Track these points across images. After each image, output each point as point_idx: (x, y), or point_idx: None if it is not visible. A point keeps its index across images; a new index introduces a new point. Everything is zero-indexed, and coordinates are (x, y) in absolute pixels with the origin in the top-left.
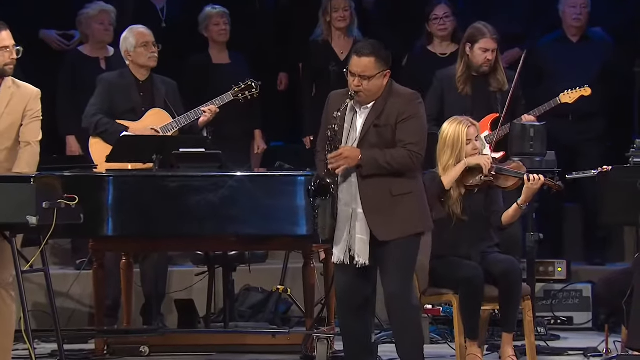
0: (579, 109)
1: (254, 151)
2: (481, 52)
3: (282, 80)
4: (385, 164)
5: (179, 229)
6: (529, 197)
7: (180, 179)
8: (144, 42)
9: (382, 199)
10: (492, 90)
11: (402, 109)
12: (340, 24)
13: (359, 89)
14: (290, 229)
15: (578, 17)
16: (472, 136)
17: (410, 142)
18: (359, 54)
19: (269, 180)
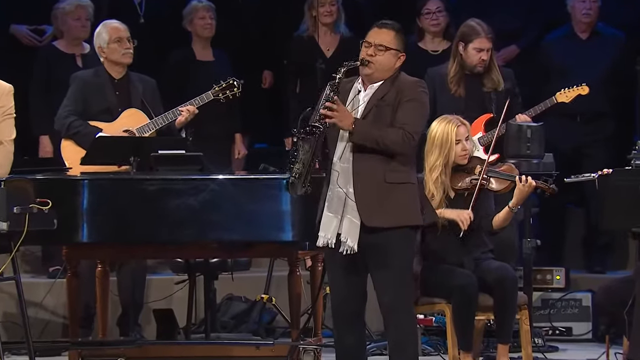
0: (588, 110)
1: (235, 156)
2: (475, 52)
3: (266, 78)
4: (377, 136)
5: (157, 235)
6: (520, 200)
7: (159, 183)
8: (118, 38)
9: (375, 184)
10: (486, 91)
11: (405, 91)
12: (326, 19)
13: (371, 59)
14: (275, 235)
15: (588, 12)
16: (462, 136)
17: (405, 122)
18: (380, 26)
19: (252, 183)
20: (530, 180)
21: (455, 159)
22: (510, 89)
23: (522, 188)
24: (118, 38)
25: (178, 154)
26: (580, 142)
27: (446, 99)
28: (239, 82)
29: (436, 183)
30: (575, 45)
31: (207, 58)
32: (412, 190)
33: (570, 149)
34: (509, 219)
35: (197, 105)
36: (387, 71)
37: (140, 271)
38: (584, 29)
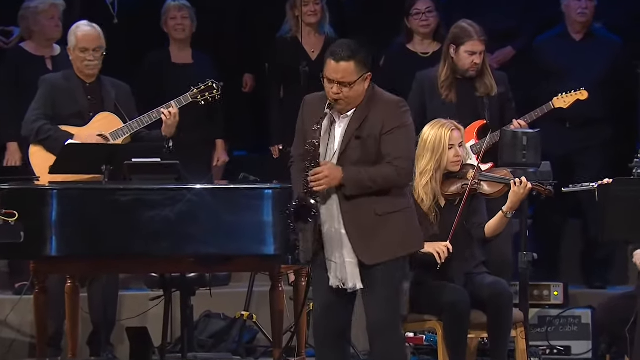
0: (580, 115)
1: (214, 163)
2: (467, 55)
3: (247, 82)
4: (370, 182)
5: (131, 248)
6: (515, 204)
7: (133, 193)
8: (83, 48)
9: (366, 220)
10: (478, 96)
11: (387, 118)
12: (310, 19)
13: (339, 97)
14: (256, 248)
15: (584, 11)
16: (456, 141)
17: (396, 156)
18: (336, 58)
19: (232, 193)
20: (525, 181)
21: (447, 165)
22: (504, 93)
23: (516, 190)
24: (83, 48)
25: (153, 162)
26: (571, 149)
27: (437, 105)
28: (218, 84)
29: (426, 188)
30: (568, 46)
31: (184, 60)
32: (405, 216)
33: (559, 157)
34: (503, 225)
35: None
36: (359, 99)
37: (113, 287)
38: (579, 29)
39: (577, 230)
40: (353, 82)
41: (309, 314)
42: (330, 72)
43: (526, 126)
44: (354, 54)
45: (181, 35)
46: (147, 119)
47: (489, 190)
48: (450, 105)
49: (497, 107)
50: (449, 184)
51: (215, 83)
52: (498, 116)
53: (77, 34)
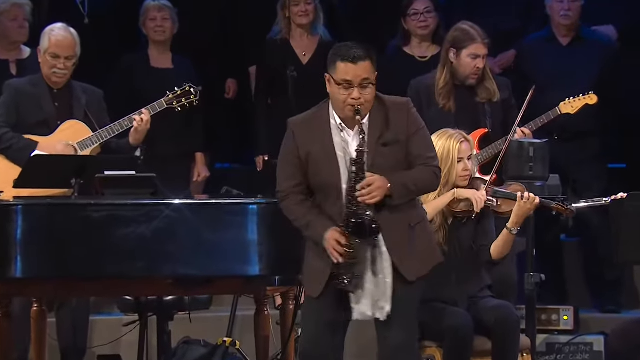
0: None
1: (194, 179)
2: (470, 59)
3: (230, 87)
4: (414, 187)
5: (103, 268)
6: (520, 219)
7: (105, 208)
8: (54, 54)
9: (402, 232)
10: (479, 101)
11: (407, 120)
12: (301, 19)
13: (361, 102)
14: (240, 269)
15: (566, 13)
16: (465, 154)
17: (428, 156)
18: (354, 60)
19: (213, 209)
20: (532, 196)
21: (456, 179)
22: (507, 100)
23: (522, 205)
24: (55, 54)
25: (127, 176)
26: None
27: (434, 114)
28: (196, 89)
29: None
30: (555, 51)
31: (164, 65)
32: (428, 227)
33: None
34: (509, 244)
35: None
36: (373, 101)
37: (83, 311)
38: (564, 32)
39: (588, 249)
40: (374, 82)
41: (297, 340)
42: (349, 75)
43: (531, 135)
44: (369, 52)
45: (161, 38)
46: (117, 127)
47: (503, 207)
48: (448, 114)
49: (499, 115)
50: (457, 200)
51: (192, 87)
52: (500, 124)
53: (50, 37)
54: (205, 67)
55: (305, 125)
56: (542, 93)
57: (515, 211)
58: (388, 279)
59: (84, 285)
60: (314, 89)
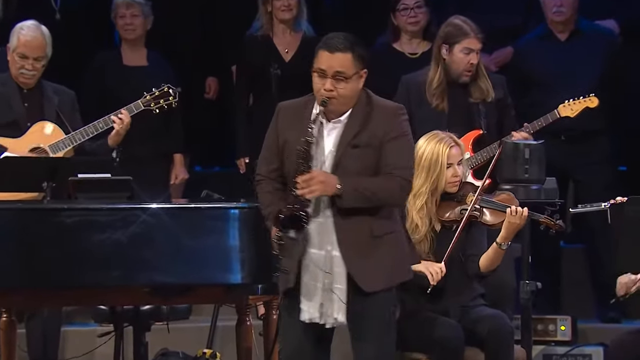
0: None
1: (172, 180)
2: (463, 55)
3: (211, 86)
4: (370, 194)
5: (76, 277)
6: (509, 234)
7: (79, 213)
8: (22, 54)
9: (363, 240)
10: (472, 101)
11: (388, 126)
12: (284, 14)
13: (332, 94)
14: (221, 277)
15: (559, 10)
16: (455, 159)
17: (399, 166)
18: (331, 49)
19: (193, 214)
20: (521, 210)
21: (445, 186)
22: (502, 99)
23: (511, 220)
24: (22, 54)
25: (102, 179)
26: (567, 166)
27: (425, 113)
28: (175, 90)
29: (420, 212)
30: (553, 48)
31: (137, 62)
32: (401, 239)
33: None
34: (498, 258)
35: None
36: (353, 99)
37: (54, 321)
38: (560, 28)
39: (586, 256)
40: (349, 77)
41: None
42: (323, 64)
43: (529, 138)
44: (352, 46)
45: (131, 36)
46: (92, 129)
47: (492, 219)
48: (441, 114)
49: (494, 115)
50: (445, 206)
51: (171, 88)
52: (496, 125)
53: (20, 36)
54: (184, 65)
55: (291, 111)
56: (544, 93)
57: (504, 226)
58: (339, 285)
59: (56, 295)
60: (297, 87)
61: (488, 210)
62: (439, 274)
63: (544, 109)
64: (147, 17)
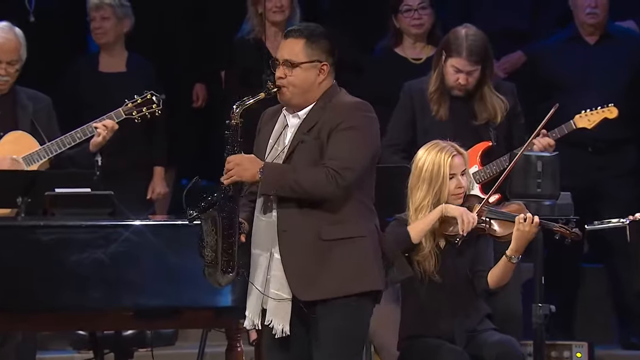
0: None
1: (149, 195)
2: (452, 71)
3: (199, 93)
4: (293, 182)
5: (53, 299)
6: (521, 246)
7: (56, 231)
8: None
9: (309, 244)
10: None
11: (341, 117)
12: (276, 16)
13: (282, 83)
14: (209, 299)
15: (593, 10)
16: (458, 169)
17: (332, 156)
18: (285, 36)
19: (179, 231)
20: (531, 217)
21: (448, 198)
22: (512, 108)
23: (522, 229)
24: None
25: (81, 193)
26: (594, 179)
27: (429, 123)
28: (159, 97)
29: None
30: (582, 51)
31: (114, 69)
32: (362, 246)
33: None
34: (508, 272)
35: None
36: (309, 91)
37: (29, 348)
38: (591, 31)
39: (604, 276)
40: (297, 64)
41: None
42: (278, 51)
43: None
44: (309, 34)
45: (102, 40)
46: (69, 139)
47: (501, 231)
48: (445, 125)
49: (504, 126)
50: (450, 221)
51: (154, 95)
52: (505, 137)
53: None
54: (170, 71)
55: (273, 113)
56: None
57: (514, 236)
58: (277, 291)
59: (31, 318)
60: None
61: (496, 222)
62: (471, 224)
63: (564, 116)
64: (121, 20)
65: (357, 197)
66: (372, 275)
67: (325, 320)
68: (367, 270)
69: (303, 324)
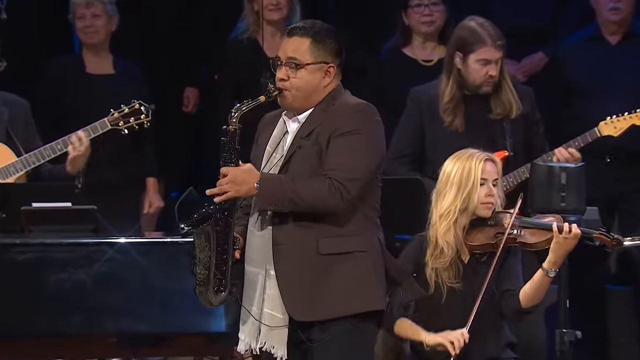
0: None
1: (145, 209)
2: (479, 66)
3: (190, 98)
4: (292, 194)
5: (29, 325)
6: (559, 259)
7: (34, 249)
8: None
9: (306, 259)
10: (492, 118)
11: (342, 121)
12: (273, 14)
13: (284, 85)
14: (201, 324)
15: (616, 6)
16: (490, 176)
17: (337, 166)
18: (289, 33)
19: (168, 249)
20: (572, 227)
21: (477, 207)
22: (530, 114)
23: (560, 240)
24: None
25: (61, 208)
26: (611, 193)
27: (439, 132)
28: (148, 107)
29: (447, 236)
30: (603, 52)
31: (102, 70)
32: (362, 262)
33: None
34: (544, 288)
35: (88, 137)
36: (313, 94)
37: None
38: (614, 29)
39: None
40: (303, 65)
41: None
42: (279, 50)
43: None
44: (316, 33)
45: (93, 40)
46: (49, 151)
47: (534, 239)
48: (457, 134)
49: (520, 133)
50: (476, 232)
51: (143, 105)
52: (523, 144)
53: None
54: (159, 73)
55: (269, 120)
56: (586, 105)
57: (553, 248)
58: (269, 310)
59: (5, 346)
60: None
61: (528, 230)
62: (461, 342)
63: (585, 124)
64: (110, 17)
65: (359, 208)
66: (372, 293)
67: (323, 348)
68: (366, 289)
69: (300, 349)
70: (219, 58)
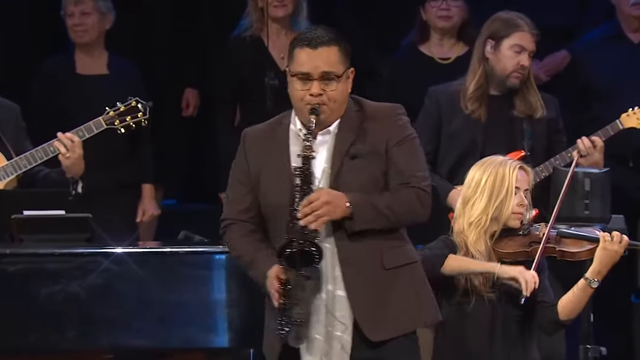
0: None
1: (139, 217)
2: (513, 53)
3: (189, 100)
4: (387, 211)
5: (20, 339)
6: (605, 268)
7: (25, 260)
8: None
9: (372, 275)
10: (516, 115)
11: (391, 129)
12: (277, 11)
13: (322, 100)
14: (203, 339)
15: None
16: (522, 185)
17: (414, 174)
18: (313, 44)
19: (167, 260)
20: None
21: (507, 217)
22: (553, 120)
23: (608, 247)
24: None
25: (54, 216)
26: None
27: (457, 130)
28: (145, 105)
29: (478, 244)
30: (624, 51)
31: (95, 71)
32: (419, 272)
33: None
34: (585, 299)
35: (82, 137)
36: (343, 103)
37: None
38: (636, 26)
39: None
40: (340, 75)
41: None
42: (306, 65)
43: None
44: (337, 38)
45: (83, 39)
46: (41, 154)
47: (574, 248)
48: (475, 130)
49: (541, 136)
50: (507, 240)
51: (140, 103)
52: (542, 148)
53: None
54: (157, 74)
55: (262, 135)
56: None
57: (598, 256)
58: (341, 333)
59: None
60: None
61: (567, 240)
62: (533, 284)
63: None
64: (104, 15)
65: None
66: (431, 306)
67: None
68: (427, 302)
69: None
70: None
